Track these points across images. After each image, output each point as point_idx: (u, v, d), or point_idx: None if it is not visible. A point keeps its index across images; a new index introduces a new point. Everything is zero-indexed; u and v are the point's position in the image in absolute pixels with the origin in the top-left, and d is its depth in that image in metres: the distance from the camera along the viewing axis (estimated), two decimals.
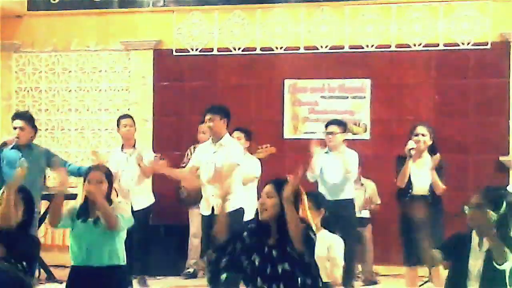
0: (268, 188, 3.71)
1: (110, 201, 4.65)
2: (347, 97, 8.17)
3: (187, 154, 7.76)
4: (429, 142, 6.32)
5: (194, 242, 7.33)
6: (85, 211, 4.64)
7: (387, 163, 7.02)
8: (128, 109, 8.59)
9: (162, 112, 8.54)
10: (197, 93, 8.42)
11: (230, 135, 6.56)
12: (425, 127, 6.35)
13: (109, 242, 4.61)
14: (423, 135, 6.29)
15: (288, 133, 8.28)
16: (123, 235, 4.69)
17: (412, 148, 6.24)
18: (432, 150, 6.36)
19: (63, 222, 4.65)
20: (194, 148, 7.73)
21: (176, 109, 8.53)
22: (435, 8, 7.99)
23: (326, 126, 6.90)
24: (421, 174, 6.30)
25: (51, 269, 7.46)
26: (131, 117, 7.54)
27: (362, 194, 7.39)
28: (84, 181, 4.66)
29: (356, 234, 6.99)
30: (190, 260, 7.69)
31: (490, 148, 7.76)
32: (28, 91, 8.96)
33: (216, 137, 6.28)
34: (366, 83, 8.11)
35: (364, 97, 8.13)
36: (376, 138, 8.06)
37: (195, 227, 7.13)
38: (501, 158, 7.72)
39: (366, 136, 8.11)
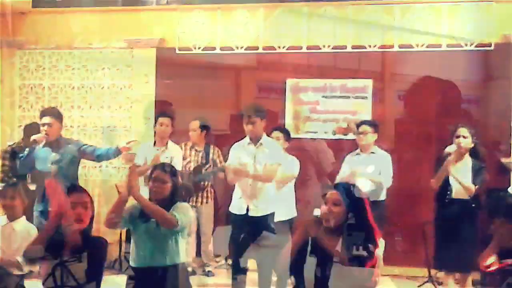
0: (334, 195, 3.60)
1: (174, 201, 4.61)
2: (349, 97, 8.17)
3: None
4: (471, 145, 6.24)
5: (190, 240, 7.33)
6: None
7: None
8: (131, 107, 8.65)
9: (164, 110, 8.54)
10: (199, 92, 8.43)
11: (269, 135, 6.61)
12: (467, 128, 6.25)
13: (173, 241, 4.56)
14: (464, 137, 6.21)
15: None
16: (184, 234, 4.65)
17: (449, 153, 6.08)
18: (474, 153, 6.28)
19: (122, 223, 4.62)
20: (185, 145, 7.74)
21: (178, 107, 8.53)
22: (438, 9, 7.97)
23: (358, 126, 6.89)
24: (462, 177, 6.16)
25: None
26: (169, 116, 7.45)
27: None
28: (149, 180, 4.66)
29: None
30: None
31: (492, 150, 7.72)
32: (31, 87, 9.01)
33: (256, 138, 6.28)
34: (368, 83, 8.11)
35: (366, 97, 8.12)
36: (377, 138, 8.03)
37: None
38: (503, 160, 7.69)
39: None
